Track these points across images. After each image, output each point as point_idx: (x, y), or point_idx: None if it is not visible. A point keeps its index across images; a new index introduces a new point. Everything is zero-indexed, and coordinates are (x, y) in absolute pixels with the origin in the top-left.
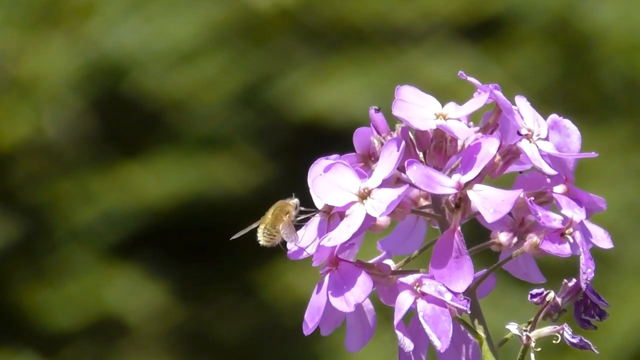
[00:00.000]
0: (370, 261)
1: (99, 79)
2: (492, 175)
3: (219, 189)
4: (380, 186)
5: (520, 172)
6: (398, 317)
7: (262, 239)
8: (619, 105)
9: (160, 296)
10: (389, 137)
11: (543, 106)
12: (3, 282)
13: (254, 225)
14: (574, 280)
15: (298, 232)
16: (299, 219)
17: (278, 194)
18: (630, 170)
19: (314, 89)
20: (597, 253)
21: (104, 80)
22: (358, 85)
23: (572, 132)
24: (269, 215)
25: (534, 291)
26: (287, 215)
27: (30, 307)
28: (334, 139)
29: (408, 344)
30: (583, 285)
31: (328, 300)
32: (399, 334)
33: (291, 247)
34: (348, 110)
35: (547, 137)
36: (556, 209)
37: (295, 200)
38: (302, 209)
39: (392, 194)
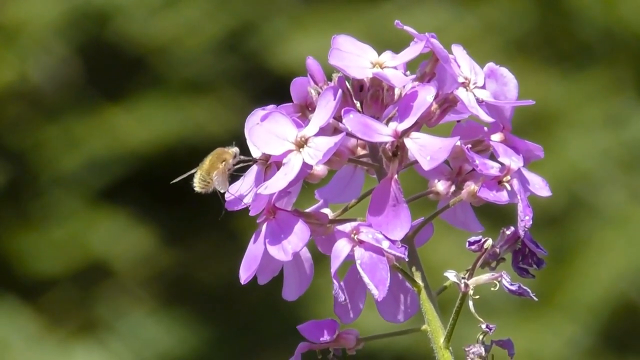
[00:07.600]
0: (308, 210)
1: (83, 25)
2: (429, 124)
3: (202, 133)
4: (317, 134)
5: (458, 121)
6: (335, 265)
7: (196, 185)
8: (596, 54)
9: (146, 241)
10: (325, 87)
11: (520, 55)
12: None
13: (193, 171)
14: (512, 228)
15: (236, 182)
16: (237, 167)
17: None
18: (608, 118)
19: (295, 36)
20: (577, 202)
21: (88, 25)
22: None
23: (509, 80)
24: (207, 162)
25: (472, 239)
26: (224, 163)
27: (15, 252)
28: None
29: (342, 296)
30: (521, 233)
31: (265, 249)
32: (335, 283)
33: (228, 196)
34: (325, 61)
35: (484, 85)
36: (494, 157)
37: (234, 149)
38: (242, 157)
39: (328, 142)
